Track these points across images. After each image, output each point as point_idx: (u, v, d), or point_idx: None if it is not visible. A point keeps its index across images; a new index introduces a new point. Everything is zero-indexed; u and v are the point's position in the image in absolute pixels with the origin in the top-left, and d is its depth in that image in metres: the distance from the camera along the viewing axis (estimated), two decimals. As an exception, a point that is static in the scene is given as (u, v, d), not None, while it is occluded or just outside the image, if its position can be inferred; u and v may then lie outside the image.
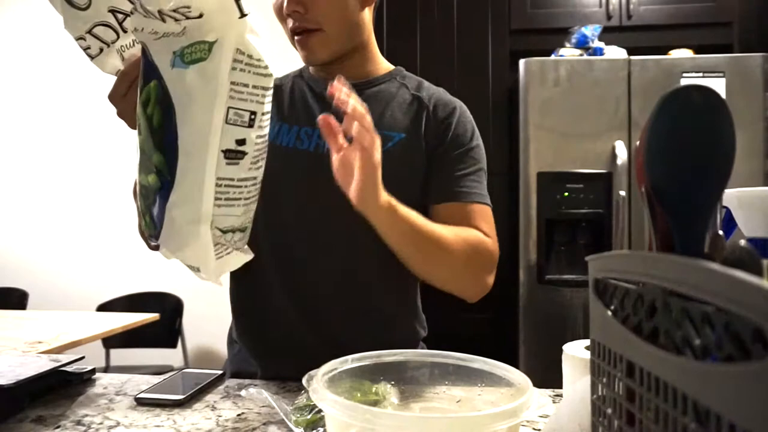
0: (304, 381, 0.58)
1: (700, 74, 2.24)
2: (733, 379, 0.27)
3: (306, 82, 1.07)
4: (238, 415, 0.76)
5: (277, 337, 0.99)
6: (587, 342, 0.66)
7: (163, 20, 0.65)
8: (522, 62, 2.33)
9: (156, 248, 0.75)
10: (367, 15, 1.04)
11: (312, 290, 0.98)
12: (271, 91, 0.71)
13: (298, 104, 1.04)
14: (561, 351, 0.69)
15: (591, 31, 2.45)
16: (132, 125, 0.78)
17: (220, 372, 0.92)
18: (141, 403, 0.80)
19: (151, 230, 0.73)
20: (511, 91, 2.57)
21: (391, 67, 1.11)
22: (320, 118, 0.79)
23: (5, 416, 0.74)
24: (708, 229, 0.40)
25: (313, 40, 0.96)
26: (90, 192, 3.28)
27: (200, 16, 0.64)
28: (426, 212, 1.03)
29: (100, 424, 0.73)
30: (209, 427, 0.71)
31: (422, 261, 0.93)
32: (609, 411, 0.42)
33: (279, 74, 1.12)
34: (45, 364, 0.85)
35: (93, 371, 0.91)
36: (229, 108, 0.67)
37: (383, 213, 0.83)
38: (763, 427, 0.25)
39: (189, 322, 3.02)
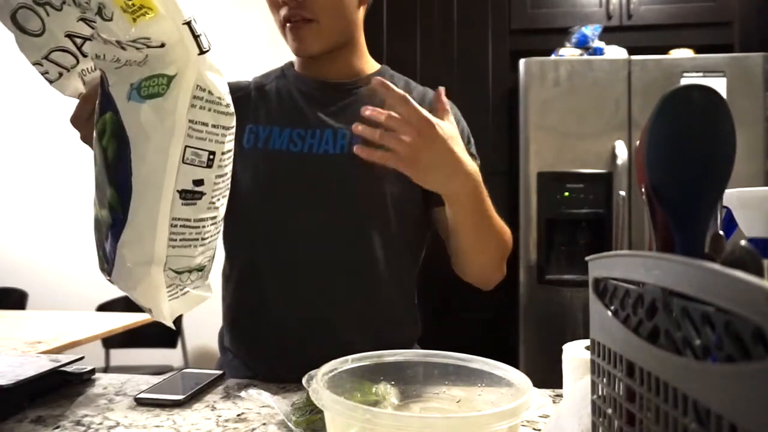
0: (304, 381, 0.58)
1: (701, 74, 2.23)
2: (733, 379, 0.27)
3: (292, 83, 1.06)
4: (238, 415, 0.76)
5: (276, 344, 0.98)
6: (587, 342, 0.66)
7: (123, 48, 0.63)
8: (522, 62, 2.33)
9: (110, 281, 0.72)
10: (361, 13, 1.04)
11: (312, 293, 0.97)
12: (232, 130, 0.69)
13: (288, 106, 1.03)
14: (561, 351, 0.69)
15: (591, 31, 2.45)
16: None
17: (220, 372, 0.92)
18: (141, 403, 0.80)
19: (104, 265, 0.71)
20: (511, 91, 2.57)
21: (378, 65, 1.10)
22: (357, 128, 0.79)
23: (5, 416, 0.74)
24: (708, 229, 0.40)
25: (306, 30, 0.95)
26: (90, 192, 3.28)
27: (162, 45, 0.62)
28: (428, 214, 1.04)
29: (100, 424, 0.73)
30: (209, 427, 0.71)
31: (480, 238, 0.96)
32: (609, 411, 0.42)
33: (258, 73, 1.12)
34: (45, 364, 0.85)
35: (93, 371, 0.91)
36: (186, 147, 0.64)
37: (473, 179, 0.86)
38: (763, 427, 0.25)
39: (189, 322, 3.02)
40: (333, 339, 0.96)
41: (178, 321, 3.01)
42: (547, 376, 0.89)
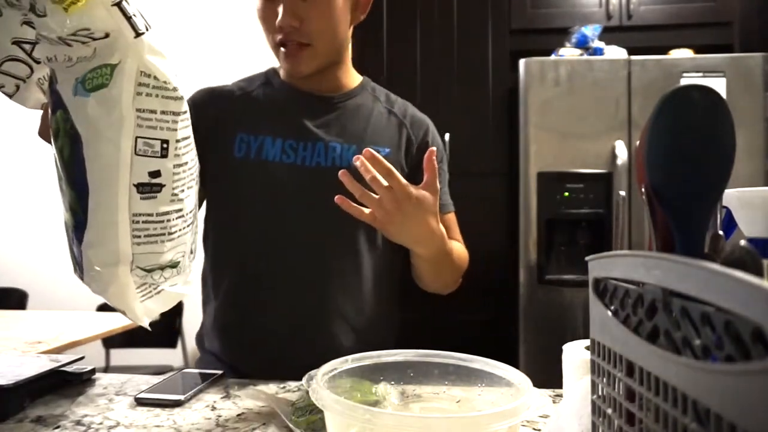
0: (304, 381, 0.58)
1: (700, 74, 2.24)
2: (733, 379, 0.27)
3: (279, 92, 1.07)
4: (238, 415, 0.76)
5: (268, 349, 1.00)
6: (587, 342, 0.66)
7: (69, 45, 0.60)
8: (522, 62, 2.33)
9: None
10: (351, 30, 1.06)
11: (304, 301, 1.00)
12: (185, 115, 0.66)
13: (278, 116, 1.04)
14: (561, 351, 0.69)
15: (591, 31, 2.45)
16: None
17: (220, 372, 0.92)
18: (141, 403, 0.80)
19: (76, 268, 0.68)
20: (511, 91, 2.57)
21: (360, 78, 1.13)
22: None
23: (5, 416, 0.74)
24: (708, 229, 0.40)
25: (302, 54, 0.97)
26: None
27: (107, 35, 0.59)
28: None
29: (100, 424, 0.73)
30: (209, 427, 0.71)
31: (439, 277, 1.06)
32: (609, 411, 0.42)
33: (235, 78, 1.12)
34: (45, 364, 0.85)
35: (93, 371, 0.91)
36: (137, 138, 0.61)
37: (438, 241, 0.93)
38: (763, 427, 0.25)
39: (189, 322, 3.02)
40: (324, 344, 0.99)
41: (178, 321, 3.01)
42: (547, 376, 0.89)
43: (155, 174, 0.63)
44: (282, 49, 0.97)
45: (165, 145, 0.64)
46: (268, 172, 0.99)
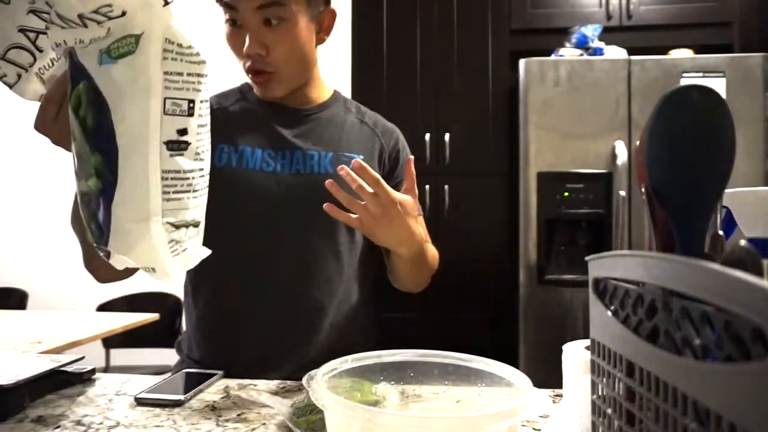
0: (304, 381, 0.58)
1: (700, 74, 2.24)
2: (733, 379, 0.27)
3: (255, 105, 1.10)
4: (238, 415, 0.76)
5: (252, 354, 1.01)
6: (587, 342, 0.66)
7: (85, 25, 0.63)
8: (522, 62, 2.33)
9: (107, 255, 0.70)
10: (317, 50, 1.09)
11: (287, 305, 1.02)
12: (206, 78, 0.69)
13: (256, 128, 1.07)
14: (561, 351, 0.69)
15: (591, 31, 2.45)
16: (71, 148, 0.73)
17: (220, 372, 0.92)
18: (141, 403, 0.80)
19: (98, 238, 0.69)
20: (511, 91, 2.57)
21: (332, 91, 1.17)
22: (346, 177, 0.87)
23: (5, 416, 0.74)
24: (708, 229, 0.40)
25: (270, 81, 1.02)
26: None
27: (123, 14, 0.62)
28: None
29: (100, 424, 0.73)
30: (209, 427, 0.71)
31: (415, 276, 1.10)
32: (609, 411, 0.42)
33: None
34: (45, 364, 0.85)
35: (93, 371, 0.91)
36: (165, 99, 0.64)
37: (418, 243, 0.98)
38: (763, 427, 0.25)
39: (189, 322, 3.02)
40: (307, 346, 1.02)
41: (177, 321, 3.01)
42: (547, 376, 0.89)
43: (183, 132, 0.66)
44: (252, 76, 1.02)
45: (191, 105, 0.67)
46: (248, 180, 1.02)
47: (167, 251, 0.68)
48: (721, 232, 0.41)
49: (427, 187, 2.54)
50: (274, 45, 0.98)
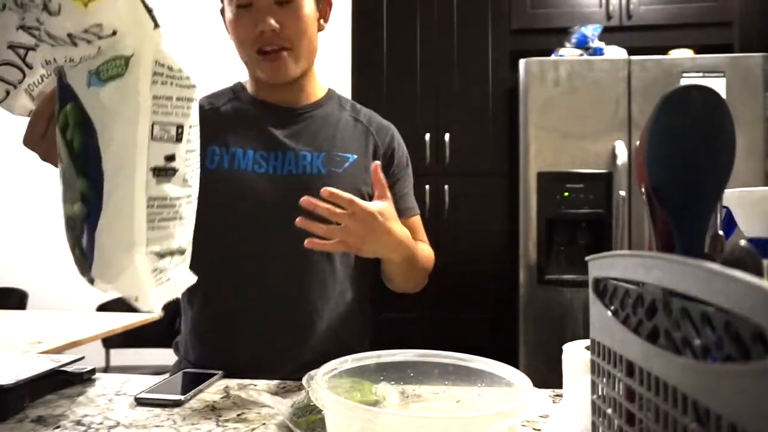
0: (304, 381, 0.58)
1: (700, 74, 2.23)
2: (733, 379, 0.27)
3: (247, 106, 1.09)
4: (238, 415, 0.76)
5: (247, 356, 1.01)
6: (587, 342, 0.66)
7: (75, 44, 0.62)
8: (522, 62, 2.33)
9: (91, 282, 0.70)
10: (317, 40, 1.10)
11: (280, 307, 1.02)
12: (195, 102, 0.68)
13: (248, 129, 1.06)
14: (561, 351, 0.69)
15: (591, 31, 2.45)
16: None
17: (220, 372, 0.92)
18: (141, 403, 0.80)
19: (83, 264, 0.68)
20: (511, 91, 2.57)
21: (326, 89, 1.16)
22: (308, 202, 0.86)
23: (5, 416, 0.74)
24: (708, 229, 0.40)
25: (284, 57, 1.01)
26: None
27: (114, 33, 0.61)
28: None
29: (100, 424, 0.73)
30: (209, 427, 0.71)
31: (409, 278, 1.10)
32: (609, 411, 0.42)
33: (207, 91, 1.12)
34: (45, 364, 0.85)
35: (93, 371, 0.91)
36: (154, 123, 0.62)
37: (404, 246, 0.98)
38: (763, 427, 0.25)
39: (189, 322, 3.02)
40: (301, 347, 1.02)
41: (178, 321, 3.01)
42: (547, 376, 0.89)
43: (170, 158, 0.65)
44: (263, 55, 1.01)
45: (180, 130, 0.65)
46: (240, 181, 1.02)
47: (151, 281, 0.66)
48: (721, 232, 0.41)
49: (427, 187, 2.54)
50: (287, 22, 0.98)
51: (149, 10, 0.62)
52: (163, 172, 0.64)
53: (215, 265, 1.04)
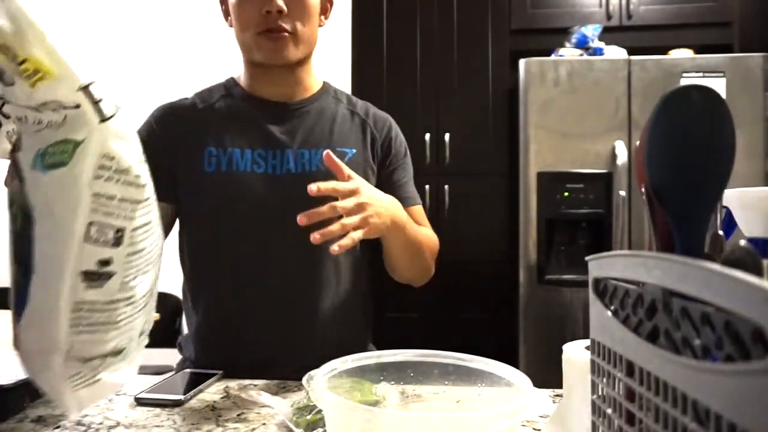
0: (304, 381, 0.58)
1: (700, 74, 2.24)
2: (733, 379, 0.27)
3: (241, 102, 1.08)
4: (238, 415, 0.76)
5: (249, 359, 1.00)
6: (587, 342, 0.66)
7: (39, 111, 0.57)
8: (522, 62, 2.33)
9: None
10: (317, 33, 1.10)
11: (283, 308, 1.02)
12: (147, 202, 0.62)
13: (244, 127, 1.05)
14: (561, 351, 0.69)
15: (591, 31, 2.45)
16: None
17: (220, 372, 0.92)
18: (141, 403, 0.80)
19: (16, 342, 0.63)
20: (511, 91, 2.57)
21: (321, 82, 1.15)
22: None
23: (5, 416, 0.74)
24: (708, 229, 0.40)
25: (287, 40, 1.00)
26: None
27: (77, 106, 0.57)
28: None
29: (100, 424, 0.73)
30: (209, 427, 0.71)
31: (411, 261, 1.07)
32: (609, 411, 0.42)
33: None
34: (45, 364, 0.85)
35: (93, 371, 0.91)
36: (90, 224, 0.57)
37: (394, 232, 0.97)
38: (763, 427, 0.25)
39: (189, 322, 3.02)
40: (304, 348, 1.01)
41: (178, 321, 3.01)
42: (547, 376, 0.89)
43: (105, 263, 0.59)
44: (265, 35, 1.00)
45: (119, 234, 0.59)
46: (240, 183, 1.01)
47: (68, 386, 0.61)
48: (721, 232, 0.41)
49: (427, 187, 2.54)
50: (293, 6, 0.99)
51: (96, 102, 0.57)
52: (96, 277, 0.59)
53: (217, 268, 1.04)
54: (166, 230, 1.05)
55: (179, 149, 1.03)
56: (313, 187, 0.84)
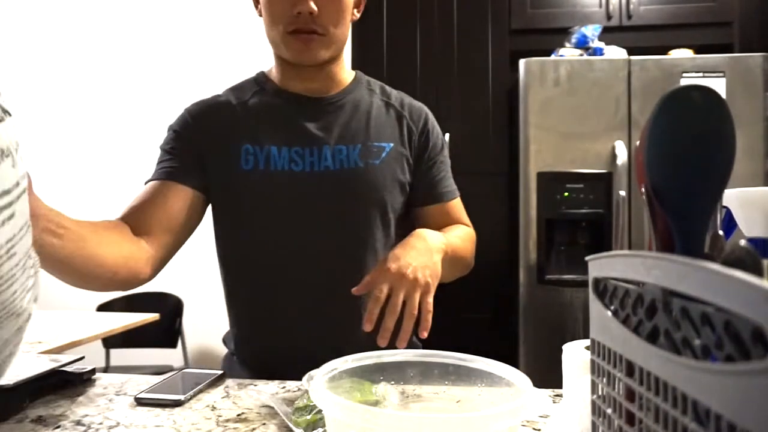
0: (304, 381, 0.58)
1: (700, 74, 2.24)
2: (733, 379, 0.27)
3: (274, 98, 1.06)
4: (238, 415, 0.76)
5: (291, 356, 1.00)
6: (587, 342, 0.66)
7: None
8: (522, 62, 2.33)
9: None
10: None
11: (323, 306, 1.01)
12: None
13: (280, 124, 1.03)
14: (561, 351, 0.69)
15: (591, 31, 2.45)
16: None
17: (220, 372, 0.92)
18: (141, 403, 0.79)
19: None
20: (511, 91, 2.57)
21: (353, 73, 1.14)
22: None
23: (5, 416, 0.74)
24: (708, 229, 0.40)
25: (317, 41, 0.98)
26: (90, 192, 3.28)
27: None
28: (407, 211, 1.11)
29: (100, 424, 0.73)
30: (209, 427, 0.71)
31: (450, 274, 1.05)
32: (609, 411, 0.42)
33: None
34: (45, 364, 0.85)
35: (93, 371, 0.91)
36: None
37: (442, 253, 0.95)
38: (763, 427, 0.25)
39: (189, 322, 3.02)
40: (348, 347, 0.99)
41: (178, 321, 3.01)
42: (547, 376, 0.89)
43: None
44: (295, 35, 0.98)
45: None
46: (278, 181, 1.00)
47: None
48: (721, 232, 0.41)
49: (427, 187, 2.53)
50: (325, 7, 0.96)
51: None
52: None
53: (255, 265, 1.03)
54: (196, 220, 1.04)
55: (213, 146, 1.01)
56: (360, 291, 0.86)
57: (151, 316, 2.35)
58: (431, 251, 0.92)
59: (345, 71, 1.11)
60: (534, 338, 2.29)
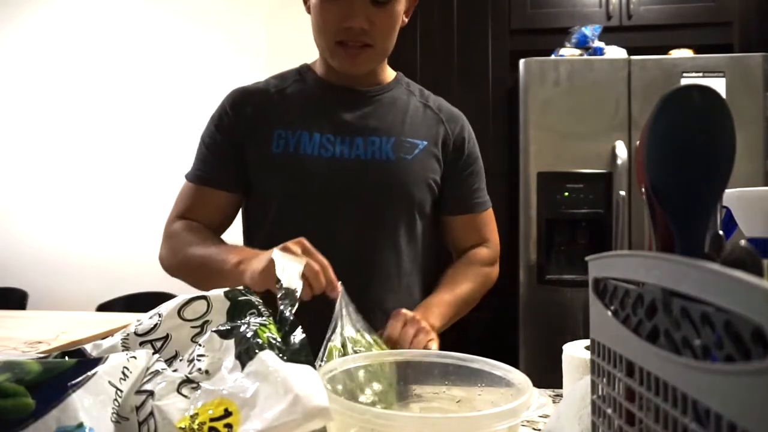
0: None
1: (700, 74, 2.23)
2: (733, 379, 0.27)
3: (314, 87, 1.07)
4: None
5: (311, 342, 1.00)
6: (587, 342, 0.66)
7: None
8: (522, 62, 2.33)
9: None
10: None
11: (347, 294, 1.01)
12: None
13: (314, 111, 1.04)
14: (561, 351, 0.69)
15: (591, 31, 2.45)
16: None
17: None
18: (141, 403, 0.79)
19: None
20: (511, 91, 2.57)
21: (394, 72, 1.14)
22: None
23: (5, 416, 0.74)
24: (708, 229, 0.40)
25: (366, 55, 0.99)
26: (90, 192, 3.28)
27: None
28: (437, 217, 1.11)
29: (100, 424, 0.72)
30: (209, 427, 0.71)
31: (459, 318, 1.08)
32: (609, 411, 0.42)
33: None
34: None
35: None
36: None
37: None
38: (763, 427, 0.25)
39: (189, 322, 3.02)
40: None
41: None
42: (547, 376, 0.89)
43: None
44: (343, 47, 0.98)
45: None
46: (306, 166, 1.00)
47: None
48: (721, 232, 0.41)
49: (427, 187, 2.53)
50: (377, 21, 0.96)
51: None
52: None
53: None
54: (226, 222, 1.07)
55: (250, 131, 1.03)
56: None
57: (151, 316, 2.34)
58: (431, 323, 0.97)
59: (387, 70, 1.12)
60: (534, 338, 2.29)
